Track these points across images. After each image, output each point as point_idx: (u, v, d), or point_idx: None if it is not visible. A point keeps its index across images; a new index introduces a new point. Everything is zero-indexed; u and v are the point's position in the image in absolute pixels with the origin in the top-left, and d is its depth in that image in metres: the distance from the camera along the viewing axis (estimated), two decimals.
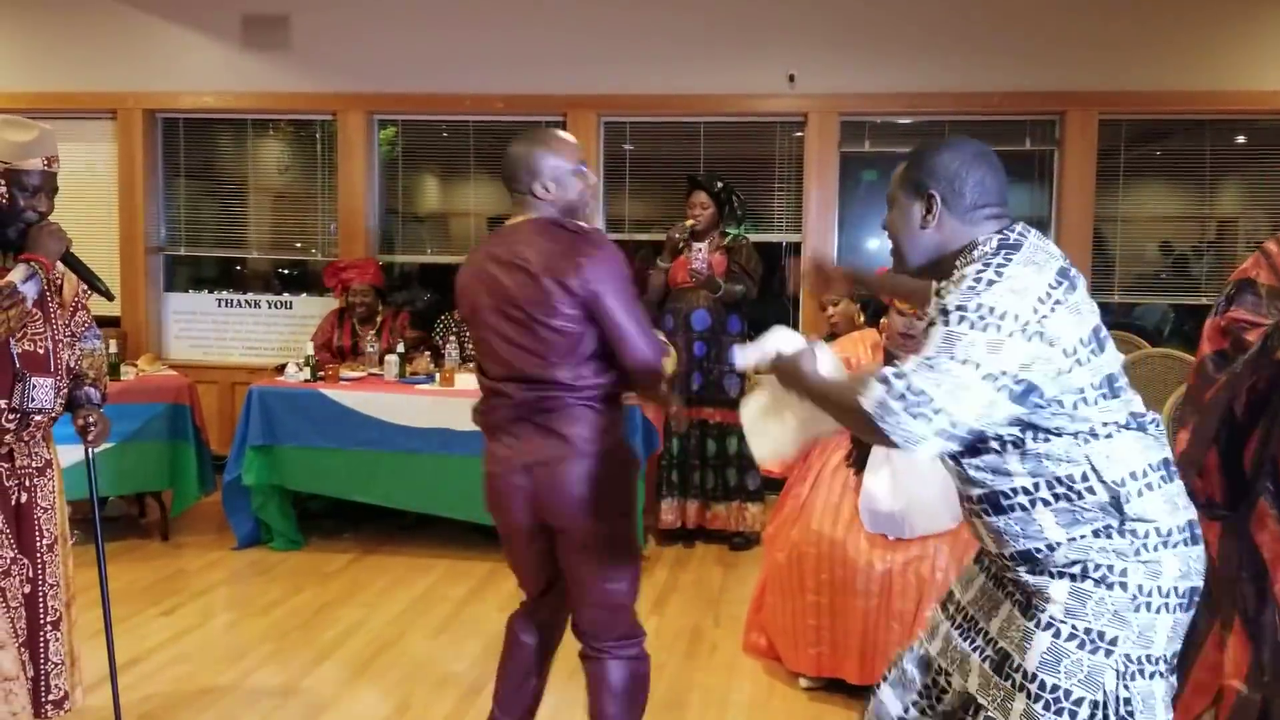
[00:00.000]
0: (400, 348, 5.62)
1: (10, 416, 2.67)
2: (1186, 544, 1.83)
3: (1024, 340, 1.72)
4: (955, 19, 6.24)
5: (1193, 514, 1.86)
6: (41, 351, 2.73)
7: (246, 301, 7.01)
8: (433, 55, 6.56)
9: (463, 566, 5.05)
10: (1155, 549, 1.80)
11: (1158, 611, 1.80)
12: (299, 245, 7.07)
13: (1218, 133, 6.30)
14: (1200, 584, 1.85)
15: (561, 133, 2.75)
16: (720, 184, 5.52)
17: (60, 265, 2.81)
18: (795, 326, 6.55)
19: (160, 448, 5.30)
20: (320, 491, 5.39)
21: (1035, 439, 1.80)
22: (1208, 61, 6.10)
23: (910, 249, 1.98)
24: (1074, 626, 1.79)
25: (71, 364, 2.90)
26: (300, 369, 5.41)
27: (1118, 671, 1.79)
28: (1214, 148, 6.30)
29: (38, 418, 2.72)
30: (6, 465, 2.74)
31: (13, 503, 2.76)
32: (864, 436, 1.82)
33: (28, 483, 2.78)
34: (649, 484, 5.30)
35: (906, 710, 2.14)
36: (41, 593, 2.79)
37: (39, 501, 2.81)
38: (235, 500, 5.23)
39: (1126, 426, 1.82)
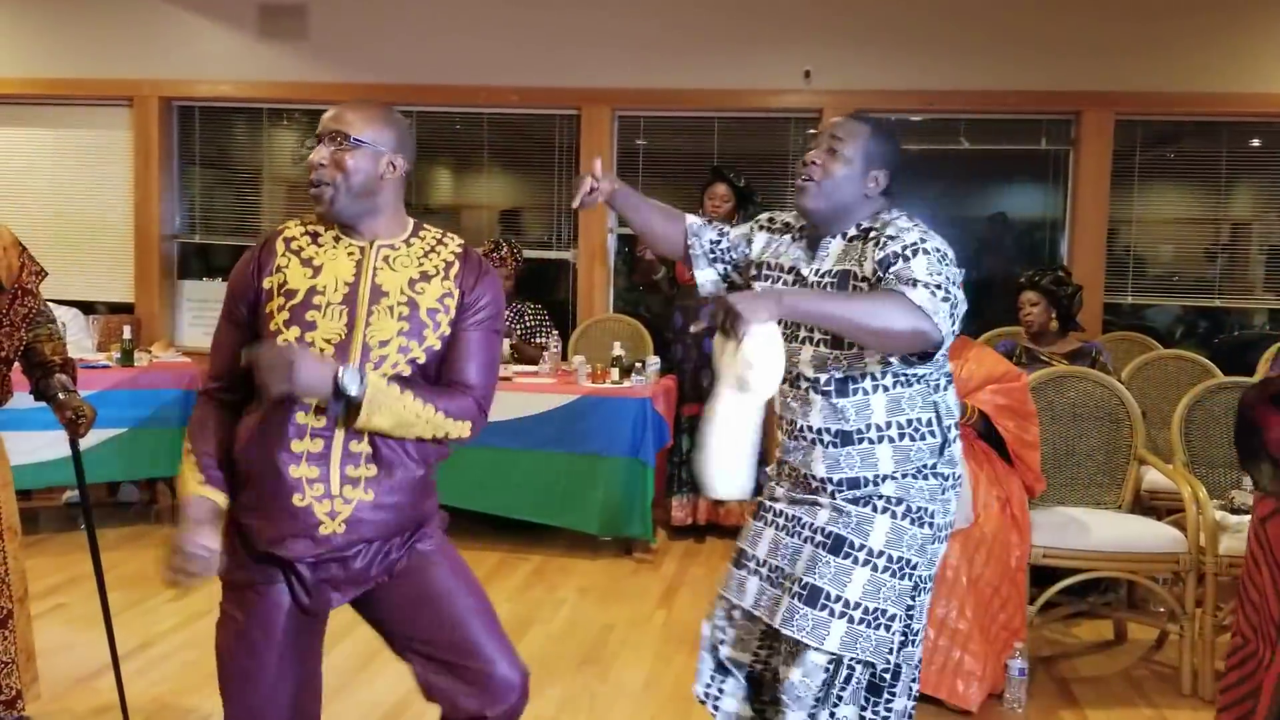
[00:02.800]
0: None
1: None
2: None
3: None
4: (973, 17, 6.22)
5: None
6: None
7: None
8: (448, 47, 6.56)
9: (471, 557, 4.93)
10: (950, 455, 2.26)
11: (954, 490, 2.28)
12: None
13: (1233, 135, 6.28)
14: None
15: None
16: (744, 180, 5.54)
17: None
18: None
19: (172, 434, 5.31)
20: None
21: (899, 384, 2.18)
22: (1225, 63, 6.07)
23: (835, 200, 2.20)
24: (909, 508, 2.20)
25: (11, 356, 2.83)
26: None
27: (935, 537, 2.24)
28: (1229, 150, 6.28)
29: None
30: None
31: None
32: (898, 340, 2.01)
33: None
34: (659, 479, 5.31)
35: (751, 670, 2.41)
36: None
37: None
38: None
39: (949, 385, 2.27)
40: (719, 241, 2.47)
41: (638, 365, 5.36)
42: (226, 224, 7.09)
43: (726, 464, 2.04)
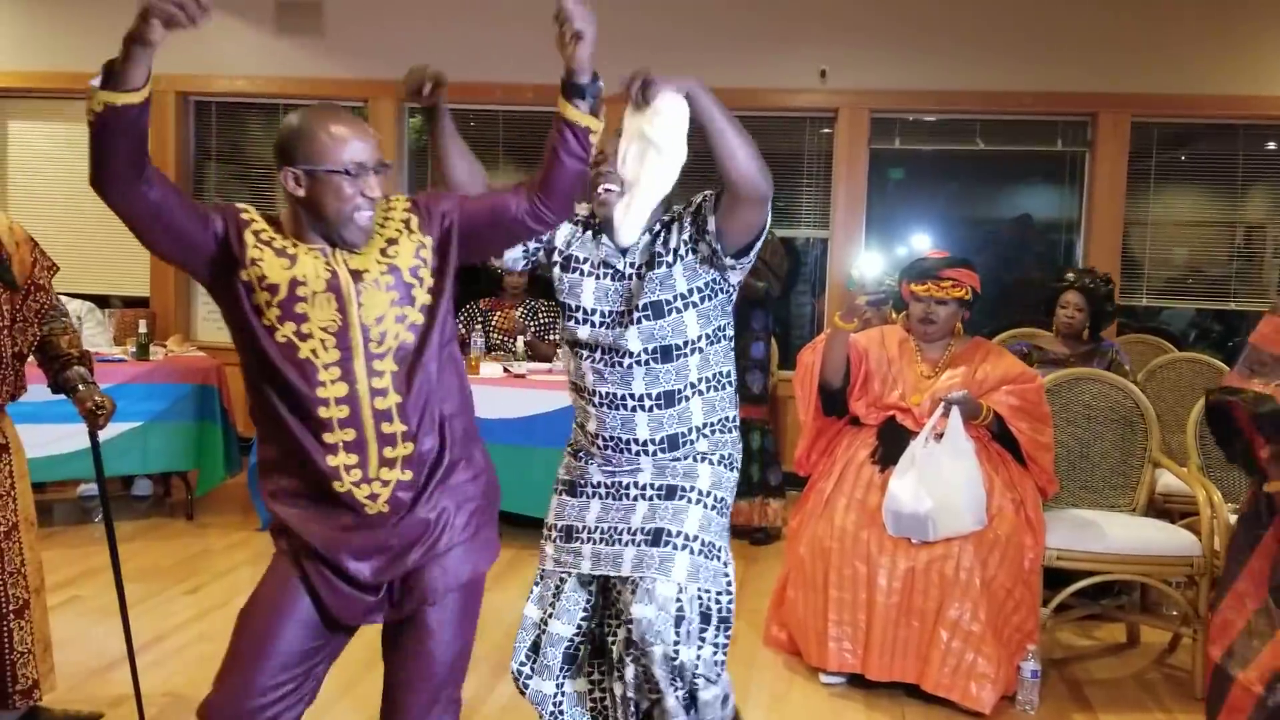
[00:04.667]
0: None
1: None
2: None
3: None
4: (990, 17, 6.22)
5: None
6: None
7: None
8: (464, 44, 6.57)
9: None
10: (736, 401, 2.54)
11: (739, 435, 2.55)
12: None
13: (1249, 138, 6.26)
14: None
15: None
16: None
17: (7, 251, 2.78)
18: (821, 322, 6.56)
19: (187, 428, 5.35)
20: None
21: (710, 343, 2.42)
22: (1242, 66, 6.06)
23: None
24: (721, 456, 2.46)
25: (25, 350, 2.85)
26: None
27: (736, 479, 2.52)
28: (1245, 153, 6.26)
29: None
30: None
31: None
32: (749, 179, 2.30)
33: None
34: None
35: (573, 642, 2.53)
36: (0, 581, 2.76)
37: None
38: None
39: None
40: None
41: None
42: None
43: (632, 217, 2.30)
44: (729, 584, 2.42)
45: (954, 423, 3.52)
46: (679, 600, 2.33)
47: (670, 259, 2.39)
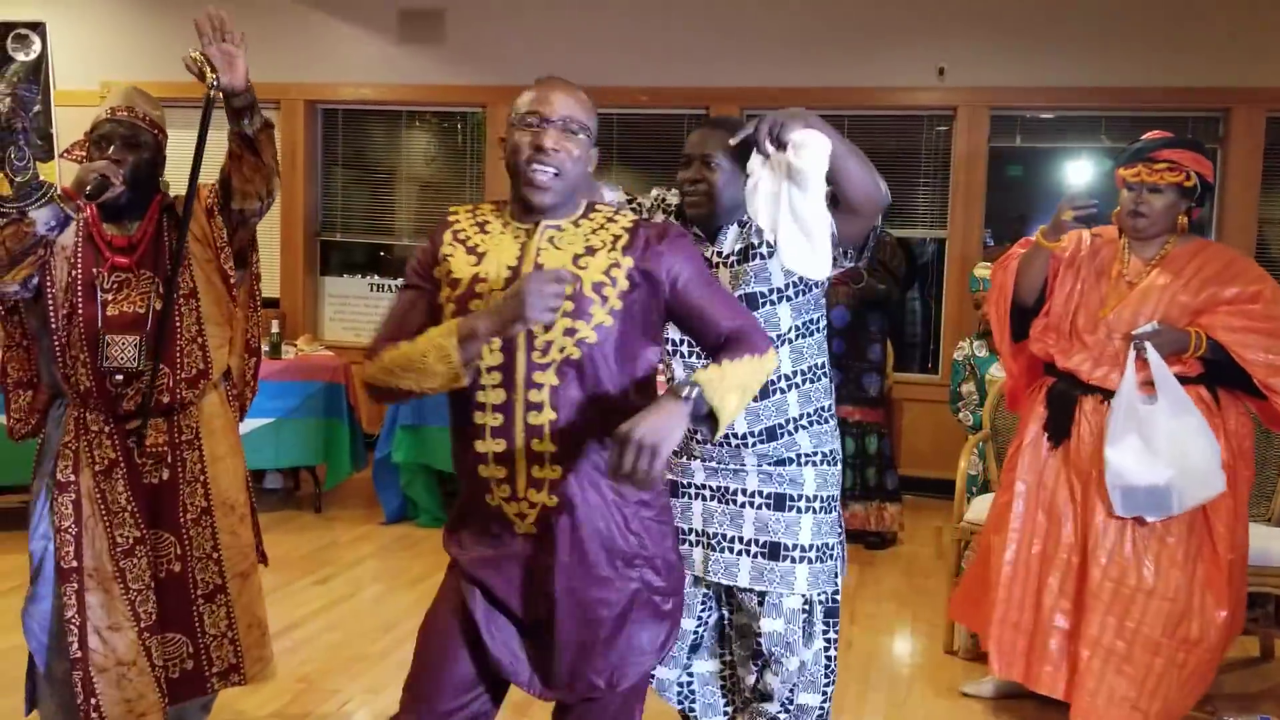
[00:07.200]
0: None
1: (89, 373, 2.65)
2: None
3: None
4: (1115, 10, 6.05)
5: None
6: (142, 311, 2.69)
7: (396, 286, 7.25)
8: (579, 49, 6.67)
9: None
10: (832, 391, 2.50)
11: (836, 424, 2.52)
12: None
13: None
14: None
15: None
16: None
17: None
18: (938, 324, 6.47)
19: (315, 424, 5.54)
20: None
21: (800, 335, 2.39)
22: None
23: (723, 202, 2.36)
24: (823, 454, 2.43)
25: (255, 337, 2.92)
26: None
27: (840, 469, 2.50)
28: None
29: (118, 376, 2.65)
30: (134, 443, 2.70)
31: (145, 482, 2.71)
32: (871, 198, 2.24)
33: (169, 458, 2.73)
34: None
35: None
36: (189, 568, 2.77)
37: (184, 476, 2.76)
38: (384, 477, 5.43)
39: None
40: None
41: None
42: (364, 222, 7.34)
43: (799, 245, 2.13)
44: (837, 577, 2.46)
45: (1158, 371, 2.98)
46: (805, 611, 2.41)
47: (766, 251, 2.33)
